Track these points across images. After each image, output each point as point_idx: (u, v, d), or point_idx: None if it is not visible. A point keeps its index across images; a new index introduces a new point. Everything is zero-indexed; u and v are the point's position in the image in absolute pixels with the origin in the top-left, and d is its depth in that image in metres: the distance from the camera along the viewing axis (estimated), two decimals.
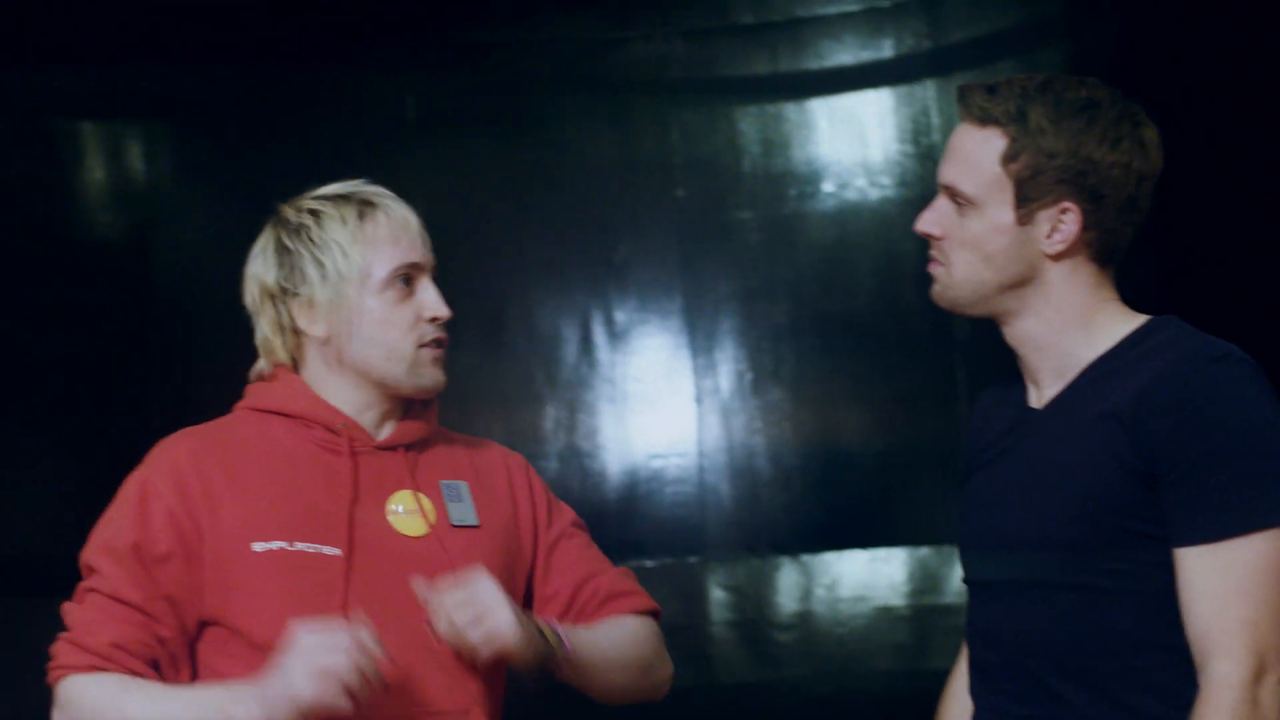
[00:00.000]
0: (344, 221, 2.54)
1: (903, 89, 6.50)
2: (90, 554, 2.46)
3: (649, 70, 6.59)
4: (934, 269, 2.42)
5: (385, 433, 2.59)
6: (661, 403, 6.44)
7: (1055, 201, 2.30)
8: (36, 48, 6.29)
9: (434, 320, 2.57)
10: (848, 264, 6.34)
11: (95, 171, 6.28)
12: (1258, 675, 2.16)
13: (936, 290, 2.42)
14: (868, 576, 6.27)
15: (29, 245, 6.16)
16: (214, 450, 2.50)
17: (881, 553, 6.27)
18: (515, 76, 6.54)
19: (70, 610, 2.45)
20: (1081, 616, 2.27)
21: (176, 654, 2.44)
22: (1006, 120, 2.31)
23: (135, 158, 6.31)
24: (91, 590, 2.43)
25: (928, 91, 6.45)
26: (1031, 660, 2.31)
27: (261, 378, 2.60)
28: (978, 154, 2.34)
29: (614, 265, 6.52)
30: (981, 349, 5.67)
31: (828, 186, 6.44)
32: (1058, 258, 2.34)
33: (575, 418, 6.41)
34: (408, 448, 2.60)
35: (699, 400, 6.42)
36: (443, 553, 2.52)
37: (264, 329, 2.58)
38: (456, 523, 2.58)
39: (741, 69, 6.63)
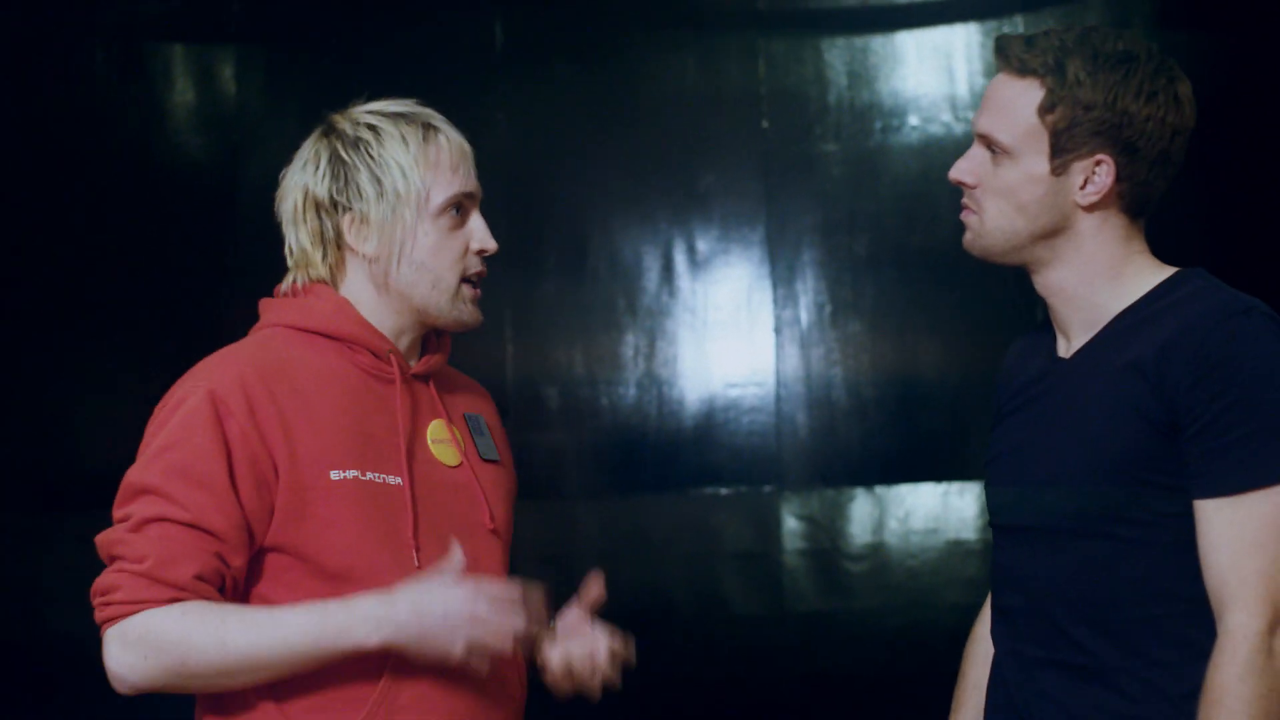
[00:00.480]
0: (405, 142, 2.48)
1: (991, 23, 6.47)
2: (153, 476, 2.33)
3: (737, 2, 6.58)
4: (966, 217, 2.44)
5: (414, 361, 2.57)
6: (741, 332, 6.45)
7: (1090, 153, 2.32)
8: None
9: (481, 252, 2.53)
10: (930, 199, 6.32)
11: (186, 94, 6.34)
12: (1273, 626, 2.19)
13: (968, 238, 2.45)
14: (940, 510, 6.29)
15: (121, 167, 6.24)
16: (279, 373, 2.40)
17: (955, 486, 6.28)
18: (602, 7, 6.55)
19: (129, 540, 2.31)
20: (1101, 565, 2.30)
21: (239, 582, 2.36)
22: (1044, 71, 2.33)
23: (226, 81, 6.35)
24: (162, 518, 2.30)
25: (1016, 26, 6.41)
26: (1051, 605, 2.35)
27: (295, 292, 2.53)
28: (1015, 104, 2.36)
29: (697, 195, 6.52)
30: None
31: (913, 120, 6.42)
32: (1090, 209, 2.36)
33: (655, 345, 6.43)
34: (431, 377, 2.59)
35: (778, 330, 6.43)
36: (477, 484, 2.55)
37: (302, 240, 2.51)
38: (484, 456, 2.61)
39: (830, 1, 6.61)
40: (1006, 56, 2.38)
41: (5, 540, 6.00)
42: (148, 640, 2.28)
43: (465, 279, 2.53)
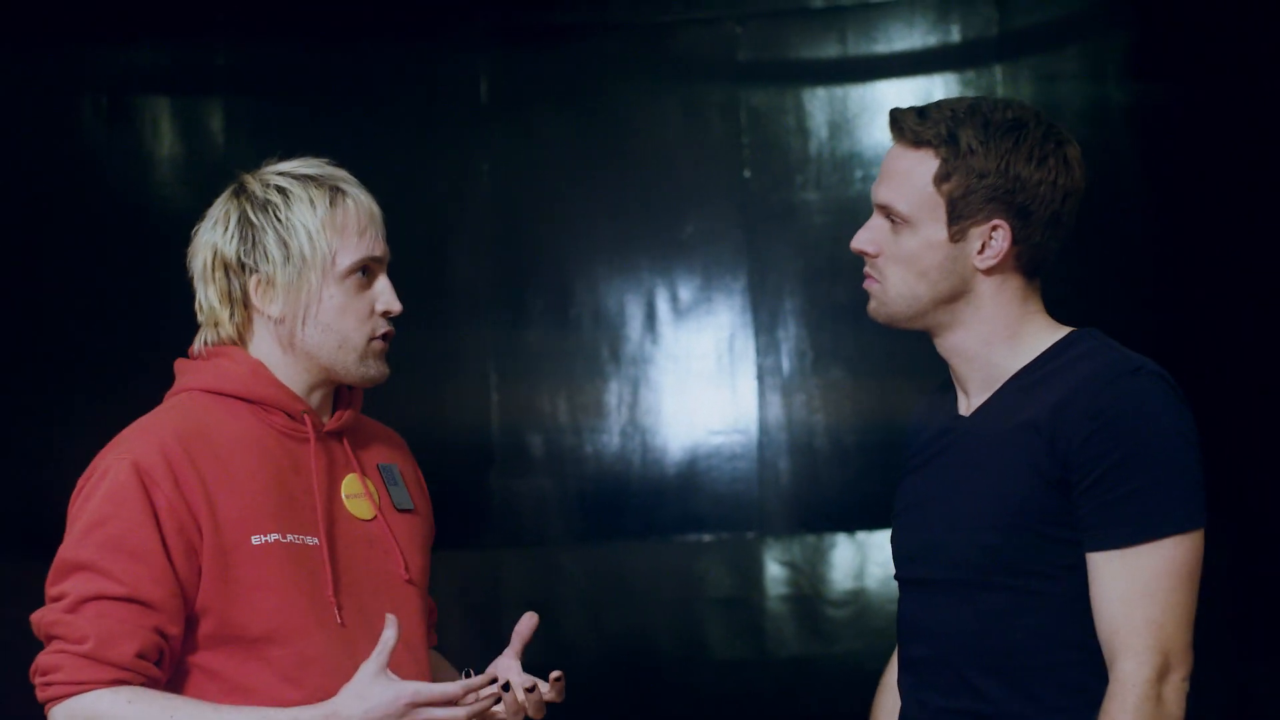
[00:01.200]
0: (313, 205, 2.47)
1: (969, 74, 6.52)
2: (86, 552, 2.31)
3: (718, 52, 6.62)
4: (870, 285, 2.50)
5: (327, 417, 2.56)
6: (723, 380, 6.49)
7: (986, 219, 2.38)
8: (117, 25, 6.38)
9: (386, 314, 2.52)
10: None
11: (174, 146, 6.36)
12: (1162, 674, 2.25)
13: (873, 306, 2.51)
14: None
15: (108, 218, 6.24)
16: (199, 439, 2.40)
17: None
18: (586, 58, 6.60)
19: (66, 621, 2.29)
20: (1000, 615, 2.35)
21: (176, 651, 2.36)
22: (938, 142, 2.38)
23: (214, 133, 6.39)
24: (99, 596, 2.28)
25: (995, 76, 6.47)
26: (954, 655, 2.40)
27: (207, 354, 2.52)
28: (911, 174, 2.40)
29: (680, 244, 6.56)
30: None
31: None
32: (989, 272, 2.41)
33: (638, 393, 6.46)
34: (344, 433, 2.59)
35: (760, 378, 6.47)
36: (391, 536, 2.56)
37: (211, 298, 2.51)
38: (398, 506, 2.62)
39: (810, 52, 6.66)
40: (901, 129, 2.43)
41: None
42: None
43: (374, 338, 2.52)
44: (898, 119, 2.44)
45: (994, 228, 2.38)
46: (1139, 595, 2.26)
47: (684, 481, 6.39)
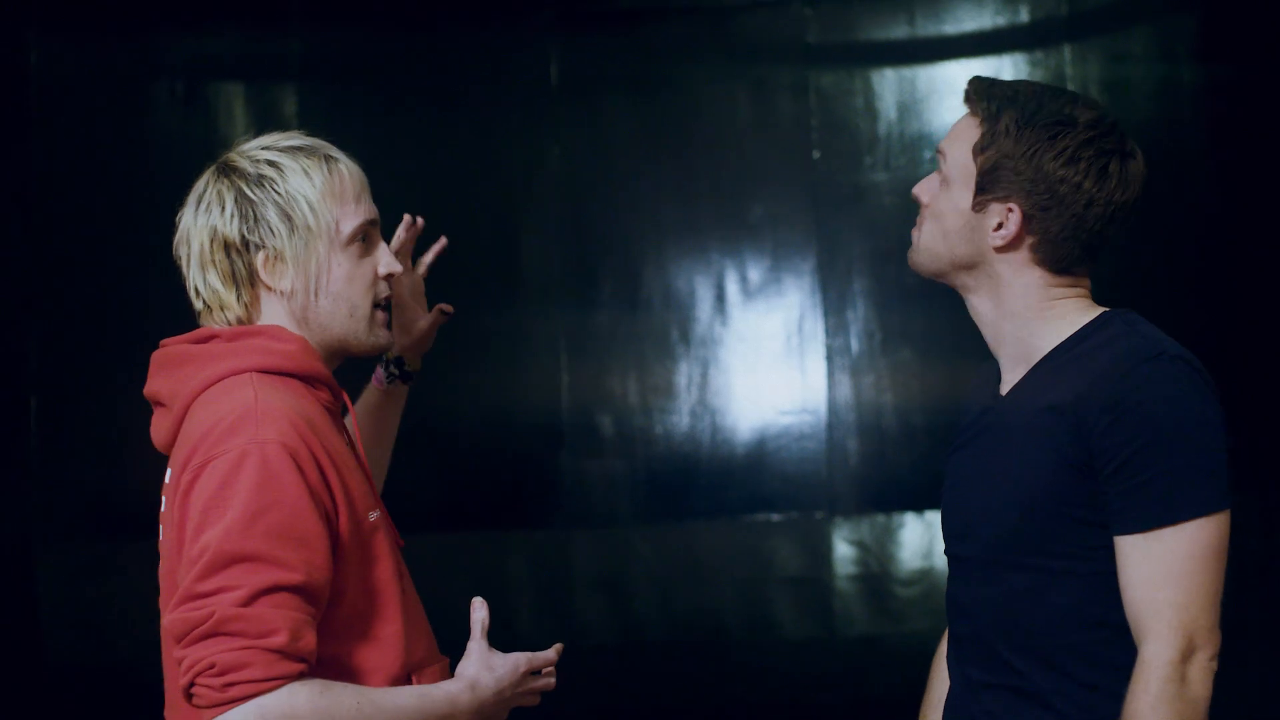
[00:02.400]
0: (309, 175, 2.43)
1: (1038, 54, 6.52)
2: (253, 542, 2.21)
3: (787, 35, 6.65)
4: (913, 233, 2.55)
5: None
6: (792, 361, 6.52)
7: (1005, 198, 2.42)
8: (192, 12, 6.46)
9: (388, 277, 2.50)
10: None
11: (247, 131, 6.42)
12: (1186, 655, 2.29)
13: (910, 253, 2.56)
14: None
15: (182, 202, 6.33)
16: (309, 423, 2.33)
17: None
18: (656, 42, 6.63)
19: (245, 615, 2.18)
20: (1031, 594, 2.40)
21: None
22: (985, 115, 2.45)
23: (288, 119, 6.46)
24: (276, 587, 2.20)
25: (1063, 56, 6.47)
26: (986, 631, 2.46)
27: (234, 336, 2.44)
28: (962, 137, 2.48)
29: (749, 225, 6.59)
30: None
31: None
32: (1002, 251, 2.45)
33: (708, 374, 6.50)
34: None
35: (829, 359, 6.50)
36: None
37: (213, 282, 2.44)
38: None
39: (879, 33, 6.68)
40: (969, 93, 2.50)
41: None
42: (293, 717, 2.19)
43: (377, 304, 2.51)
44: (972, 83, 2.50)
45: (1009, 210, 2.43)
46: (1163, 578, 2.30)
47: (753, 461, 6.43)
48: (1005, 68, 6.51)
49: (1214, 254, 6.21)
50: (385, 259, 2.50)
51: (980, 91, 2.48)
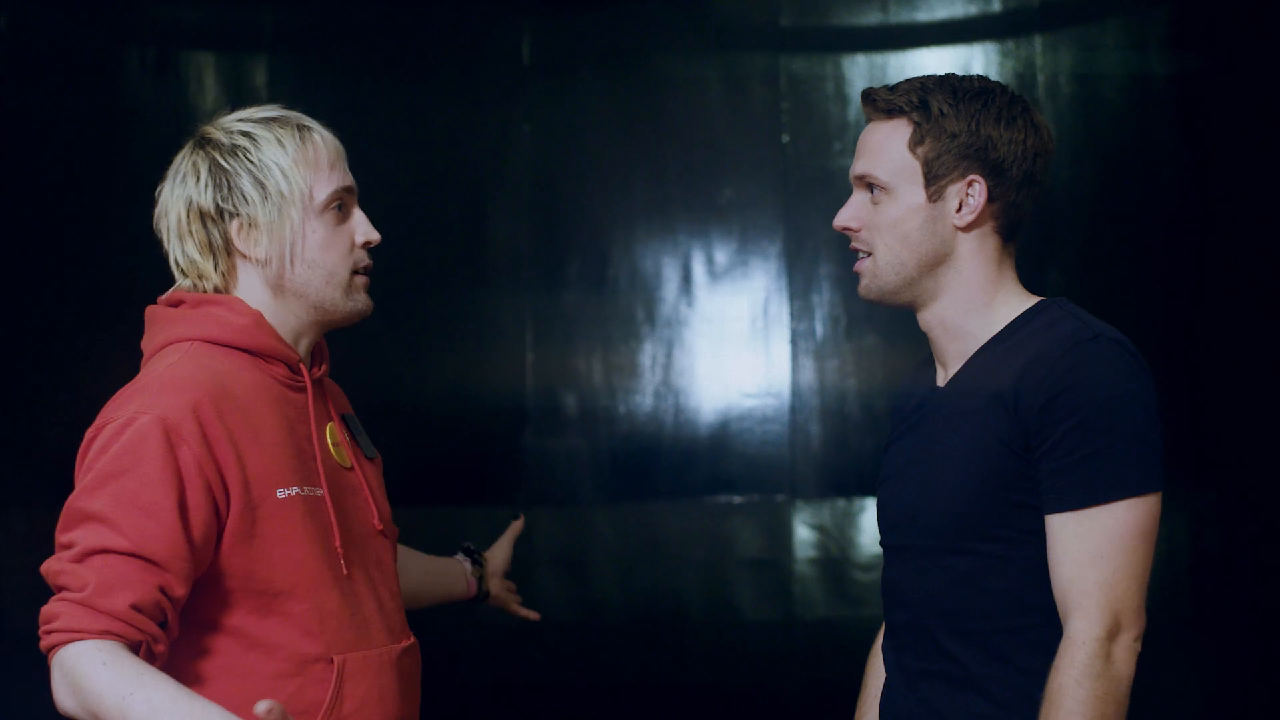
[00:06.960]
0: (282, 144, 2.48)
1: (1009, 43, 6.53)
2: (99, 503, 2.28)
3: (760, 18, 6.65)
4: (859, 266, 2.60)
5: (313, 367, 2.59)
6: (757, 344, 6.53)
7: (962, 175, 2.49)
8: None
9: (366, 244, 2.55)
10: None
11: (217, 101, 6.39)
12: (1112, 634, 2.32)
13: (863, 285, 2.61)
14: None
15: (152, 171, 6.29)
16: (223, 393, 2.38)
17: None
18: (628, 22, 6.62)
19: (71, 571, 2.26)
20: (970, 579, 2.44)
21: (178, 612, 2.33)
22: (910, 108, 2.50)
23: (259, 90, 6.43)
24: (105, 549, 2.26)
25: (1034, 45, 6.47)
26: (927, 619, 2.50)
27: (196, 302, 2.50)
28: (887, 143, 2.52)
29: (717, 208, 6.59)
30: (1071, 299, 5.69)
31: None
32: (967, 229, 2.51)
33: (672, 355, 6.50)
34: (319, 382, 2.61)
35: (793, 342, 6.51)
36: (367, 484, 2.59)
37: (190, 252, 2.50)
38: (367, 455, 2.66)
39: (851, 19, 6.68)
40: (874, 102, 2.54)
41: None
42: (72, 678, 2.22)
43: (356, 271, 2.55)
44: (869, 95, 2.54)
45: (970, 183, 2.49)
46: (1091, 557, 2.33)
47: (716, 443, 6.44)
48: (976, 57, 6.52)
49: (1183, 244, 6.23)
50: (363, 226, 2.54)
51: (885, 94, 2.52)
